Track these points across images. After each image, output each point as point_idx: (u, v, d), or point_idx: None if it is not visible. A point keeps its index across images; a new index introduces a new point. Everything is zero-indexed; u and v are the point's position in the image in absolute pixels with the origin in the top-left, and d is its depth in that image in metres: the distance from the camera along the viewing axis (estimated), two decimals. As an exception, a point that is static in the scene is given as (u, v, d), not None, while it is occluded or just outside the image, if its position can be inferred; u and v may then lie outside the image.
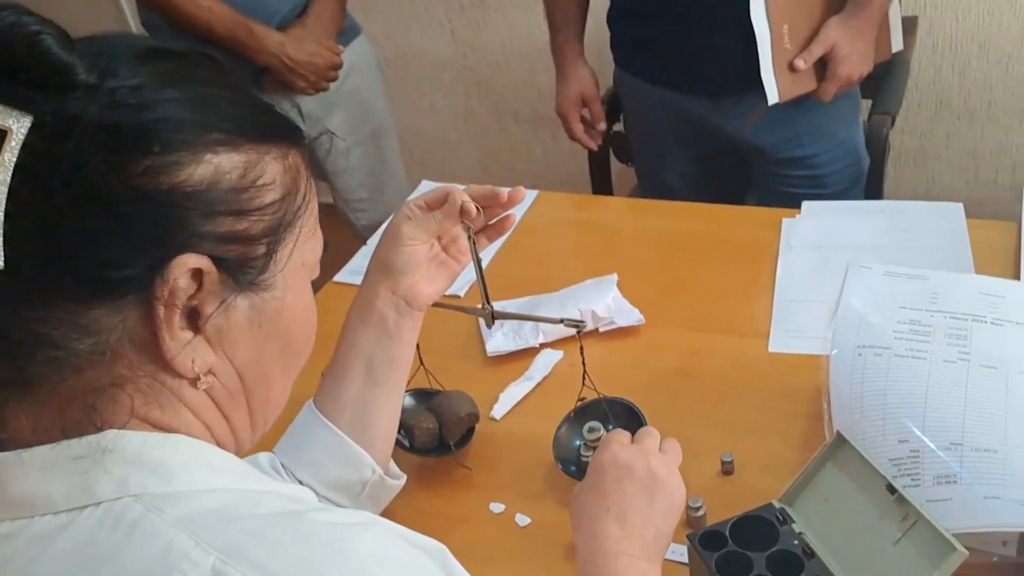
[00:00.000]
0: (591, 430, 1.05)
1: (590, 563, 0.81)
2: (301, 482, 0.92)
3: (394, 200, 1.79)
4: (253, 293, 0.60)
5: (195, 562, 0.52)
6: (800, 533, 0.88)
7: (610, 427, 1.06)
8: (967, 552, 0.77)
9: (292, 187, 0.62)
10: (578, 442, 1.06)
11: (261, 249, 0.59)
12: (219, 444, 0.63)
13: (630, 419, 1.06)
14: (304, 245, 0.64)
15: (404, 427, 1.07)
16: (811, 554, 0.86)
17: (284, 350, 0.65)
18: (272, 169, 0.60)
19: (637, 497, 0.82)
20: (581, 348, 1.00)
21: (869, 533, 0.84)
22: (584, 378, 1.02)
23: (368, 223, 2.02)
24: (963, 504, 0.80)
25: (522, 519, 1.03)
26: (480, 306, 1.00)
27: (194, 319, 0.58)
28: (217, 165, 0.57)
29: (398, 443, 1.07)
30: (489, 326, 1.03)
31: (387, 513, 0.99)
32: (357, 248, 1.60)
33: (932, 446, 0.83)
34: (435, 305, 0.99)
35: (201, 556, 0.52)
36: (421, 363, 1.08)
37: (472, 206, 0.92)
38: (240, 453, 0.66)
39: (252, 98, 0.62)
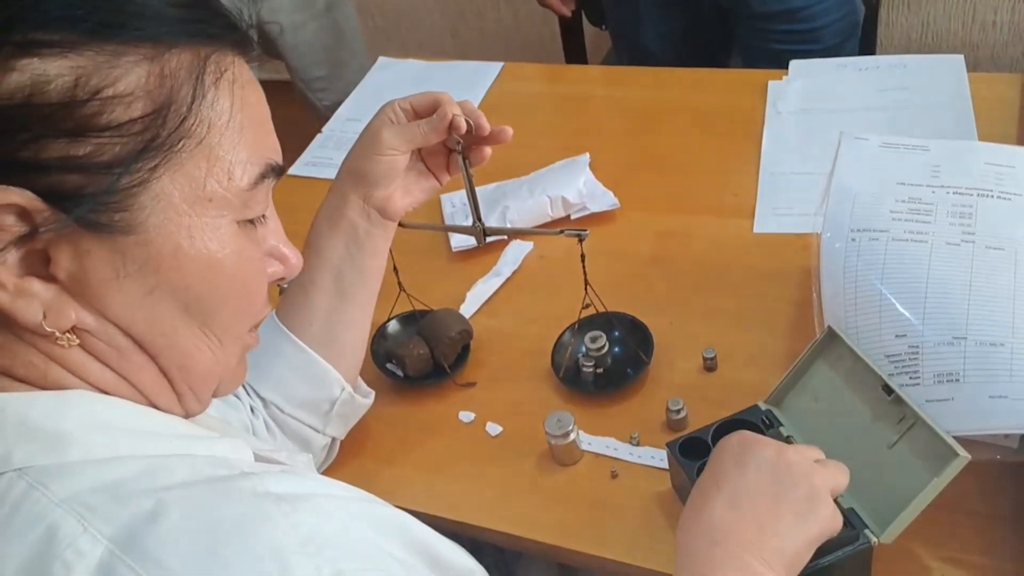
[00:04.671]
0: (593, 339, 0.97)
1: (686, 550, 0.64)
2: (264, 400, 0.87)
3: (356, 77, 1.67)
4: (110, 236, 0.50)
5: (81, 552, 0.46)
6: (788, 437, 0.82)
7: (616, 334, 0.99)
8: (969, 457, 0.70)
9: (167, 99, 0.51)
10: (582, 350, 0.98)
11: (111, 180, 0.49)
12: None
13: (633, 331, 0.99)
14: (202, 171, 0.52)
15: (394, 357, 1.02)
16: (800, 460, 0.80)
17: (186, 306, 0.54)
18: (132, 76, 0.49)
19: (760, 484, 0.66)
20: (583, 257, 0.92)
21: (862, 436, 0.78)
22: (586, 288, 0.95)
23: (331, 104, 1.89)
24: (966, 404, 0.73)
25: (493, 428, 0.97)
26: (471, 224, 0.93)
27: (46, 265, 0.50)
28: (36, 72, 0.47)
29: (391, 375, 1.02)
30: (480, 244, 0.98)
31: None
32: (314, 133, 1.49)
33: (933, 341, 0.75)
34: (421, 227, 0.93)
35: (89, 545, 0.46)
36: (400, 287, 1.01)
37: (463, 121, 0.83)
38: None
39: None
